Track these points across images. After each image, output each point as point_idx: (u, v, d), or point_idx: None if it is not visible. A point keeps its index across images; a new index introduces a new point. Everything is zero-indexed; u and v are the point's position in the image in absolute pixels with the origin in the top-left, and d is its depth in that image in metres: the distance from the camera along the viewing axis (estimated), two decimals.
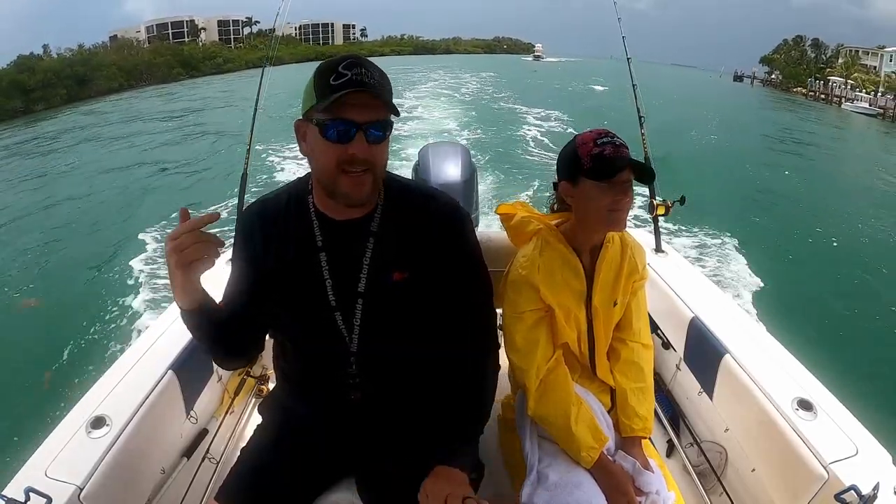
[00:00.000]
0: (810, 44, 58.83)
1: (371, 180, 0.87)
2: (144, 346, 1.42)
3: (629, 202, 1.09)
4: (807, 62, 55.15)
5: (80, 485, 1.02)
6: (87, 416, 1.16)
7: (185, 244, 0.79)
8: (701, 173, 12.01)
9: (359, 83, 0.82)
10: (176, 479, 1.35)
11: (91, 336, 5.62)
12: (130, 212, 10.16)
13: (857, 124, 31.37)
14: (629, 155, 1.08)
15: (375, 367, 0.99)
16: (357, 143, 0.83)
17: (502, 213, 1.31)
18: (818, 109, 36.00)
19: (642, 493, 1.08)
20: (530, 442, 1.15)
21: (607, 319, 1.22)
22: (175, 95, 34.46)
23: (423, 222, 0.97)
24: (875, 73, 44.29)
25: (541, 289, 1.14)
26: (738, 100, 38.58)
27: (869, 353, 5.45)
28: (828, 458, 1.09)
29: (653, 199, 1.94)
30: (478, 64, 57.98)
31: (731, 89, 50.18)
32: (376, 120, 0.84)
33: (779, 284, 6.69)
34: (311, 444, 1.06)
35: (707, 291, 1.73)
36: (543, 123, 18.59)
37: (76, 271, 7.60)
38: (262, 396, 1.79)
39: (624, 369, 1.25)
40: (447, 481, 0.89)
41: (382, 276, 0.95)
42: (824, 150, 20.13)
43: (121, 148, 17.25)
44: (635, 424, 1.19)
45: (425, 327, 0.99)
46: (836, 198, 12.37)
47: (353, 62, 0.83)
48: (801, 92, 47.19)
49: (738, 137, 19.12)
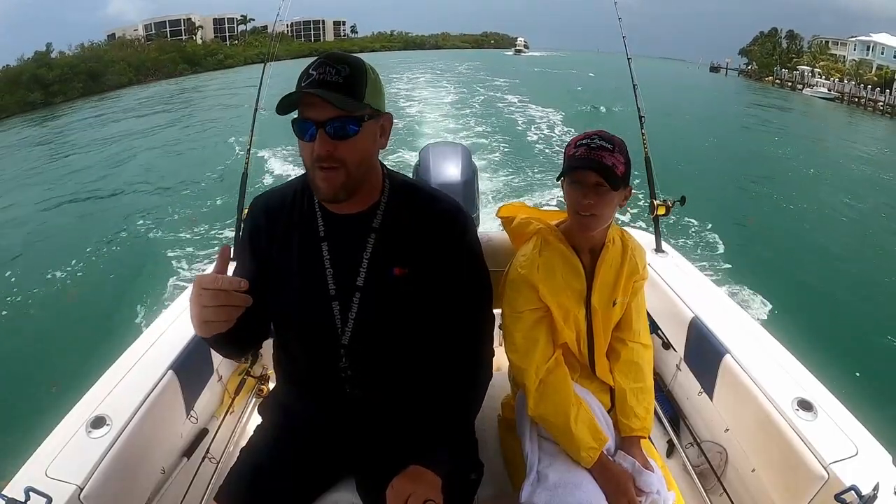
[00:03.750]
0: (786, 35, 61.57)
1: (343, 176, 0.88)
2: (144, 346, 1.42)
3: (594, 206, 1.08)
4: (779, 53, 57.90)
5: (80, 485, 1.02)
6: (87, 415, 1.16)
7: (207, 302, 0.77)
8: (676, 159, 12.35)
9: (319, 83, 0.85)
10: (176, 479, 1.35)
11: (91, 335, 5.62)
12: (133, 210, 10.16)
13: (815, 106, 34.92)
14: (605, 159, 1.06)
15: (365, 361, 1.00)
16: (320, 140, 0.85)
17: (503, 217, 1.31)
18: (782, 95, 39.70)
19: (642, 492, 1.08)
20: (530, 442, 1.15)
21: (606, 319, 1.22)
22: (192, 87, 36.23)
23: (425, 221, 0.98)
24: (842, 62, 47.20)
25: (540, 288, 1.14)
26: (712, 88, 42.19)
27: (869, 353, 5.44)
28: (828, 459, 1.09)
29: (653, 199, 1.94)
30: (463, 57, 60.72)
31: (707, 79, 53.23)
32: (335, 116, 0.85)
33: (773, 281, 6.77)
34: (311, 444, 1.06)
35: (707, 291, 1.73)
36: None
37: (75, 268, 7.60)
38: (262, 396, 1.79)
39: (624, 369, 1.24)
40: (415, 482, 0.89)
41: (381, 272, 0.96)
42: (775, 124, 22.87)
43: (130, 142, 17.44)
44: (634, 424, 1.19)
45: (418, 326, 1.00)
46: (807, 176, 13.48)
47: (323, 61, 0.87)
48: (769, 80, 50.35)
49: (707, 123, 20.70)
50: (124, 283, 6.87)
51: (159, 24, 66.00)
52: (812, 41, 55.86)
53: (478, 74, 35.66)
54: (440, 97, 22.57)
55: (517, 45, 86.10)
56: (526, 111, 19.25)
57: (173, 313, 1.56)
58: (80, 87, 37.53)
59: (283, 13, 2.48)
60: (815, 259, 8.19)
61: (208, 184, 11.28)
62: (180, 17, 68.33)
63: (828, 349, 4.92)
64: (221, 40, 70.06)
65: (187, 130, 18.96)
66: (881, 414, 3.64)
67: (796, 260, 8.02)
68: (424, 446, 0.95)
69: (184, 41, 63.00)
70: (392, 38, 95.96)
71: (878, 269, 7.94)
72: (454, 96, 23.21)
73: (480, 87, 26.78)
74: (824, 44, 52.53)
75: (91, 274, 7.40)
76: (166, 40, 60.42)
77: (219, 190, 10.29)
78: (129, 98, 32.74)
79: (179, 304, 1.64)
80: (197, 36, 67.57)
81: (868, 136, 23.37)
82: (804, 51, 55.97)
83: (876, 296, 6.95)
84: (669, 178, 3.20)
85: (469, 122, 16.37)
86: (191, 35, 66.77)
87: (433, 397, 1.01)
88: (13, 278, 7.32)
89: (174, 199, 10.51)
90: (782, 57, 56.13)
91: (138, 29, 64.74)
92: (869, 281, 7.48)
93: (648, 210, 1.95)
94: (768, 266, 7.36)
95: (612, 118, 17.48)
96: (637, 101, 2.16)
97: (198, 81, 41.43)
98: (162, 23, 66.35)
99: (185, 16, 68.85)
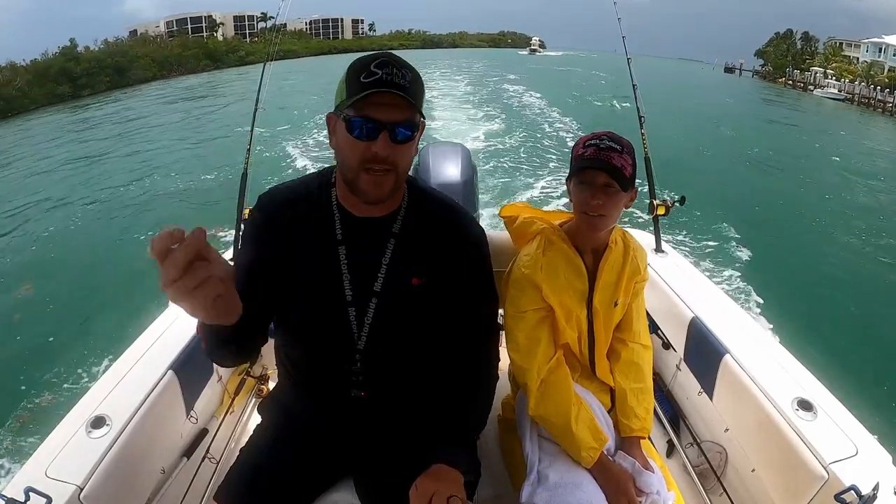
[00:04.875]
0: (800, 37, 62.42)
1: (392, 180, 0.87)
2: (144, 346, 1.42)
3: (602, 206, 1.08)
4: (793, 54, 58.91)
5: (80, 485, 1.02)
6: (87, 416, 1.16)
7: (174, 276, 0.61)
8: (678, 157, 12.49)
9: (388, 83, 0.81)
10: (176, 479, 1.35)
11: (91, 335, 5.62)
12: (133, 210, 10.15)
13: (825, 106, 36.09)
14: (614, 159, 1.06)
15: (380, 366, 1.00)
16: (381, 142, 0.83)
17: (506, 216, 1.31)
18: (792, 96, 40.82)
19: (642, 493, 1.08)
20: (530, 442, 1.15)
21: (607, 320, 1.22)
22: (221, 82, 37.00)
23: (442, 231, 0.98)
24: (855, 63, 47.87)
25: (543, 288, 1.15)
26: (725, 88, 42.37)
27: (869, 353, 5.45)
28: (828, 459, 1.09)
29: (653, 199, 1.94)
30: (477, 55, 62.40)
31: (721, 80, 53.87)
32: (402, 120, 0.83)
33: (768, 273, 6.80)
34: (312, 444, 1.06)
35: (707, 291, 1.73)
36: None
37: (76, 270, 7.60)
38: (262, 396, 1.79)
39: (624, 369, 1.25)
40: (438, 479, 0.89)
41: (400, 279, 0.95)
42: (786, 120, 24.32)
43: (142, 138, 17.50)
44: (634, 424, 1.19)
45: (432, 333, 1.00)
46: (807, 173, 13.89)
47: (385, 61, 0.83)
48: (782, 81, 51.86)
49: (715, 123, 21.10)
50: (124, 283, 6.87)
51: (181, 21, 67.15)
52: (827, 43, 56.39)
53: (492, 71, 37.75)
54: (456, 90, 24.54)
55: (532, 44, 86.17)
56: (523, 98, 20.74)
57: (173, 313, 1.55)
58: (107, 81, 38.38)
59: (282, 14, 2.50)
60: (815, 258, 8.21)
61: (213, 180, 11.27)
62: (202, 13, 69.34)
63: (828, 349, 4.92)
64: (242, 37, 71.05)
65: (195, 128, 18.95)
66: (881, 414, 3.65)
67: (795, 259, 8.04)
68: (443, 445, 0.96)
69: (205, 38, 63.78)
70: (410, 37, 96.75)
71: (878, 268, 7.94)
72: (468, 89, 25.02)
73: (490, 81, 28.89)
74: (838, 45, 52.99)
75: (92, 274, 7.40)
76: (188, 37, 61.24)
77: (219, 190, 10.28)
78: (152, 92, 33.32)
79: None
80: (218, 33, 68.45)
81: (878, 136, 23.73)
82: (818, 52, 56.81)
83: (876, 296, 6.96)
84: (667, 175, 3.22)
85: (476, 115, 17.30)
86: (212, 32, 67.66)
87: (445, 398, 1.01)
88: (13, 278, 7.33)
89: (175, 199, 10.51)
90: (796, 58, 57.12)
91: (160, 26, 65.91)
92: (869, 281, 7.49)
93: (648, 210, 1.95)
94: (768, 265, 7.36)
95: (613, 115, 17.90)
96: (637, 101, 2.17)
97: (222, 77, 42.30)
98: (183, 20, 67.47)
99: (207, 13, 69.87)
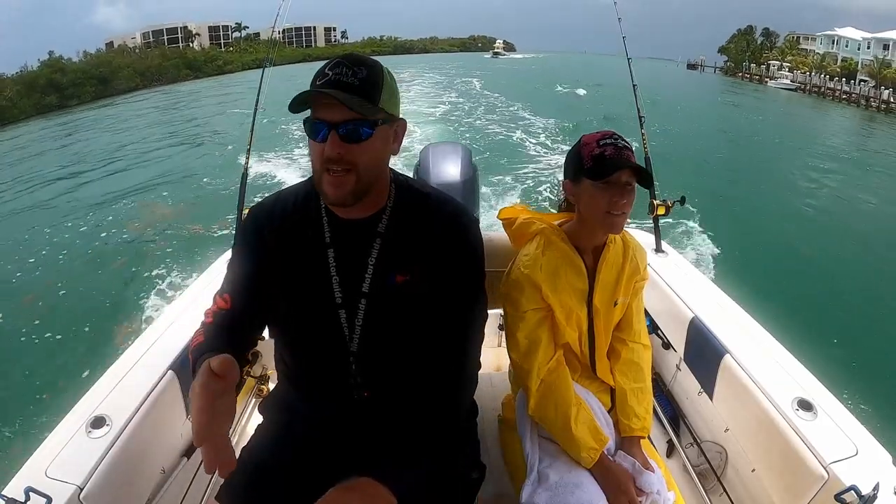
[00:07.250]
0: (761, 33, 64.72)
1: (353, 181, 0.86)
2: (144, 346, 1.42)
3: (626, 205, 1.09)
4: (752, 49, 61.57)
5: (80, 485, 1.02)
6: (87, 416, 1.16)
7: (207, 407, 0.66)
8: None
9: (334, 83, 0.83)
10: (176, 479, 1.35)
11: (91, 334, 5.62)
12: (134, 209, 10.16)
13: (779, 96, 39.21)
14: (631, 157, 1.08)
15: (375, 367, 0.99)
16: (330, 142, 0.83)
17: (504, 218, 1.31)
18: (748, 89, 43.17)
19: (643, 493, 1.08)
20: (531, 442, 1.15)
21: (608, 319, 1.23)
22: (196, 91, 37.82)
23: (431, 225, 0.97)
24: (811, 56, 51.07)
25: (543, 288, 1.14)
26: (684, 84, 45.15)
27: (869, 353, 5.44)
28: (828, 459, 1.09)
29: (653, 200, 1.94)
30: (445, 59, 64.89)
31: (684, 76, 56.88)
32: (350, 119, 0.83)
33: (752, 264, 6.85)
34: (312, 445, 1.06)
35: (707, 291, 1.73)
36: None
37: (76, 269, 7.59)
38: (262, 396, 1.79)
39: (624, 369, 1.25)
40: (360, 497, 0.80)
41: (386, 278, 0.95)
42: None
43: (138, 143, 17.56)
44: (634, 424, 1.19)
45: (424, 331, 0.99)
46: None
47: (339, 62, 0.85)
48: (740, 75, 55.74)
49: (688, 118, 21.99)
50: (124, 283, 6.87)
51: (157, 33, 67.51)
52: (786, 37, 59.85)
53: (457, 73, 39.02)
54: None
55: (495, 48, 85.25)
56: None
57: (173, 313, 1.55)
58: (92, 91, 39.17)
59: (280, 19, 2.48)
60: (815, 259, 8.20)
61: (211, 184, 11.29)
62: (177, 24, 69.74)
63: (828, 349, 4.92)
64: (217, 47, 71.49)
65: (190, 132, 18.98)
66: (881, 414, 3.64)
67: (795, 259, 8.03)
68: (387, 458, 0.87)
69: (182, 48, 64.59)
70: (382, 43, 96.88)
71: (878, 268, 7.94)
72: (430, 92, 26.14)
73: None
74: (795, 39, 57.13)
75: (91, 273, 7.40)
76: (167, 47, 62.01)
77: (219, 190, 10.29)
78: (138, 102, 33.69)
79: (179, 304, 1.63)
80: (194, 43, 69.00)
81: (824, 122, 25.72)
82: (777, 46, 59.90)
83: (876, 295, 6.96)
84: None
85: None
86: (188, 42, 68.33)
87: (417, 401, 0.95)
88: (12, 278, 7.33)
89: (175, 199, 10.51)
90: (755, 53, 60.10)
91: (136, 37, 66.41)
92: (869, 280, 7.49)
93: (648, 210, 1.95)
94: (766, 265, 7.36)
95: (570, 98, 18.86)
96: (637, 101, 2.17)
97: (201, 85, 43.30)
98: (160, 31, 67.89)
99: (182, 24, 70.35)
